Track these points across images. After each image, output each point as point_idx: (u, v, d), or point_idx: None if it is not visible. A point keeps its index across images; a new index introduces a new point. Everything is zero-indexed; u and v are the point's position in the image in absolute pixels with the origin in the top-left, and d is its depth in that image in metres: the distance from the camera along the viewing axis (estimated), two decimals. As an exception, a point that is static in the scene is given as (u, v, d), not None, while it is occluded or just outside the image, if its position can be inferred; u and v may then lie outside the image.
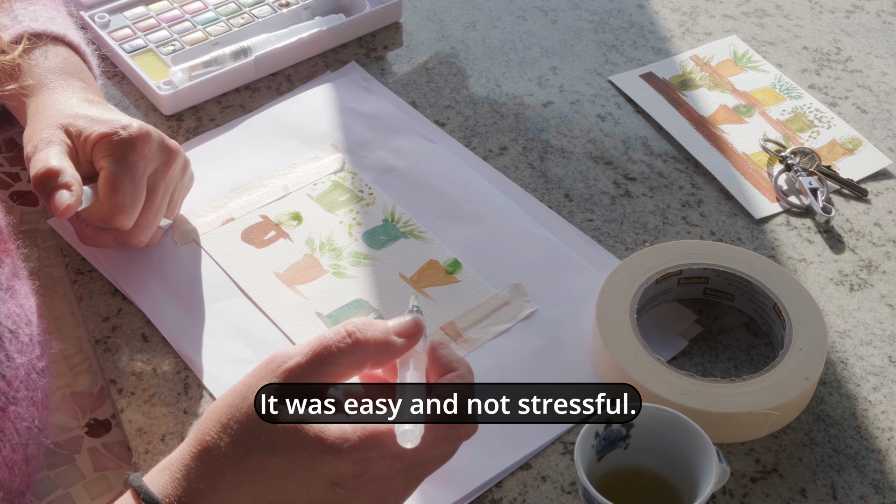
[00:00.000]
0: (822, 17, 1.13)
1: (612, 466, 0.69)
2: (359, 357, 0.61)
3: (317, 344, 0.61)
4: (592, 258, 0.87)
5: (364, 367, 0.62)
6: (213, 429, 0.60)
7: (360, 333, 0.61)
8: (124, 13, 1.05)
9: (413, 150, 0.96)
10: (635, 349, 0.76)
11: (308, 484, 0.58)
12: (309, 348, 0.60)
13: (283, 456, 0.58)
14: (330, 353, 0.60)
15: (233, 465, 0.58)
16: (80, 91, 0.83)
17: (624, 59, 1.07)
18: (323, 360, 0.60)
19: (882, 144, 0.98)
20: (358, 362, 0.61)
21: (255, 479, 0.58)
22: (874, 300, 0.85)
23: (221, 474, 0.59)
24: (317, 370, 0.60)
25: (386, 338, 0.62)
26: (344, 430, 0.58)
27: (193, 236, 0.88)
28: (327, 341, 0.61)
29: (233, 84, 1.00)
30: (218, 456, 0.59)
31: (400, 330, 0.63)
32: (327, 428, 0.58)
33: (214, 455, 0.59)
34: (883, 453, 0.75)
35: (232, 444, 0.59)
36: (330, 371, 0.60)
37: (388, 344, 0.62)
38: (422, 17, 1.11)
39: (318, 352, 0.60)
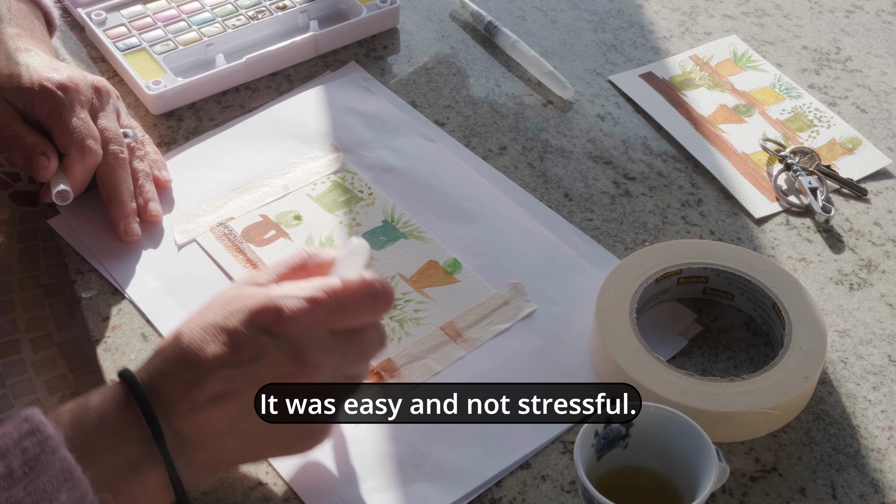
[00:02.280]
0: (822, 16, 1.13)
1: (611, 466, 0.69)
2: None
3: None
4: (592, 258, 0.87)
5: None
6: (178, 326, 0.67)
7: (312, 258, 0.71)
8: (121, 11, 1.05)
9: (413, 149, 0.96)
10: (635, 348, 0.76)
11: (240, 337, 0.64)
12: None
13: (224, 312, 0.65)
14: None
15: (188, 332, 0.65)
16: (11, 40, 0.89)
17: (624, 58, 1.07)
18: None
19: (881, 144, 0.98)
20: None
21: (201, 345, 0.64)
22: (874, 299, 0.85)
23: (170, 346, 0.65)
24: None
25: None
26: (273, 287, 0.67)
27: (193, 236, 0.88)
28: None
29: (223, 86, 1.00)
30: (180, 333, 0.66)
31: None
32: (265, 288, 0.67)
33: (175, 333, 0.66)
34: (882, 452, 0.75)
35: (190, 324, 0.66)
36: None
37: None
38: (421, 18, 1.11)
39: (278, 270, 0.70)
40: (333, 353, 0.65)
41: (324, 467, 0.73)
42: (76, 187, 0.85)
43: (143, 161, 0.89)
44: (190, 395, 0.63)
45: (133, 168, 0.88)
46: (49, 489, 0.57)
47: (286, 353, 0.63)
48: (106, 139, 0.87)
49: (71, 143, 0.84)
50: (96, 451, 0.61)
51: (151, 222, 0.88)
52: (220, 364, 0.63)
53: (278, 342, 0.63)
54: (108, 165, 0.86)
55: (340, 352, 0.66)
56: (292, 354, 0.63)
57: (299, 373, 0.64)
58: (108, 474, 0.61)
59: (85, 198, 0.89)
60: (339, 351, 0.66)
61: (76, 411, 0.62)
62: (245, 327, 0.64)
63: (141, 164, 0.89)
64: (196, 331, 0.65)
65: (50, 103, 0.84)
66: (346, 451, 0.74)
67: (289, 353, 0.63)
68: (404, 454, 0.74)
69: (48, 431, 0.59)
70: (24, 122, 0.86)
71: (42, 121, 0.85)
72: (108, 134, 0.87)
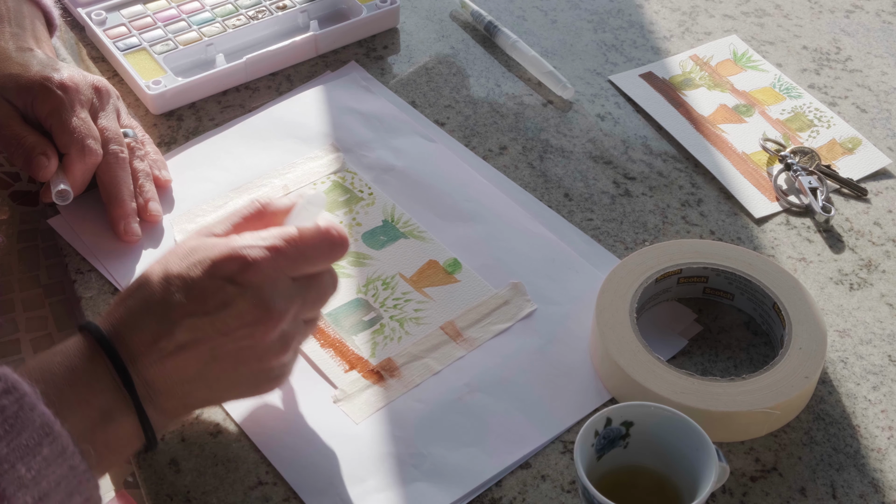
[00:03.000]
0: (822, 16, 1.13)
1: (611, 465, 0.69)
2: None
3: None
4: (592, 257, 0.87)
5: None
6: (137, 278, 0.69)
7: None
8: (121, 11, 1.05)
9: (413, 149, 0.96)
10: (635, 348, 0.76)
11: (205, 288, 0.65)
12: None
13: (186, 263, 0.66)
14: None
15: (150, 283, 0.67)
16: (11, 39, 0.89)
17: (624, 58, 1.07)
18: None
19: (882, 144, 0.98)
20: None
21: (165, 296, 0.66)
22: (874, 299, 0.85)
23: (133, 297, 0.67)
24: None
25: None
26: (234, 237, 0.68)
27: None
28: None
29: (223, 86, 1.00)
30: (141, 284, 0.67)
31: None
32: (226, 238, 0.68)
33: (135, 285, 0.68)
34: (882, 452, 0.75)
35: (151, 275, 0.67)
36: None
37: None
38: (421, 18, 1.11)
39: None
40: (294, 299, 0.68)
41: (324, 467, 0.73)
42: (76, 187, 0.86)
43: (144, 161, 0.89)
44: (157, 344, 0.65)
45: (133, 168, 0.88)
46: (31, 444, 0.59)
47: (251, 301, 0.65)
48: (106, 139, 0.87)
49: (71, 142, 0.84)
50: (70, 404, 0.63)
51: (151, 222, 0.88)
52: (186, 314, 0.65)
53: (243, 291, 0.65)
54: (108, 165, 0.86)
55: (301, 297, 0.68)
56: (257, 302, 0.65)
57: (265, 319, 0.66)
58: (84, 425, 0.63)
59: (85, 198, 0.89)
60: (299, 296, 0.68)
61: (45, 367, 0.64)
62: (209, 277, 0.65)
63: (141, 164, 0.89)
64: (159, 281, 0.66)
65: (50, 103, 0.85)
66: (295, 400, 0.77)
67: (253, 301, 0.65)
68: (404, 454, 0.74)
69: (24, 388, 0.60)
70: (25, 122, 0.86)
71: (42, 120, 0.85)
72: (108, 134, 0.87)
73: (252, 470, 0.73)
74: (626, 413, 0.69)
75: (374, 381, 0.78)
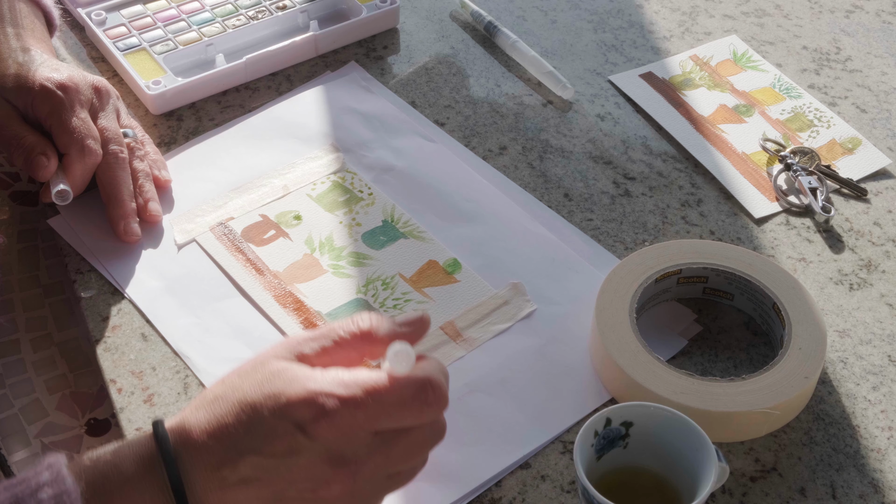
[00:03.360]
0: (822, 16, 1.13)
1: (611, 465, 0.69)
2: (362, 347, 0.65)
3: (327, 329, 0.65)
4: (592, 257, 0.87)
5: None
6: (215, 385, 0.63)
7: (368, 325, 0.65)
8: (121, 11, 1.05)
9: (413, 149, 0.96)
10: (635, 348, 0.76)
11: (275, 428, 0.59)
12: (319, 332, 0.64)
13: (261, 394, 0.60)
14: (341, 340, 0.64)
15: (225, 401, 0.61)
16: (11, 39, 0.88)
17: (623, 58, 1.07)
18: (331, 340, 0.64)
19: (881, 144, 0.98)
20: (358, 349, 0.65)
21: (235, 423, 0.60)
22: (874, 299, 0.85)
23: (209, 414, 0.61)
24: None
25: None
26: (314, 374, 0.61)
27: (193, 236, 0.88)
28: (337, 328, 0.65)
29: (223, 86, 1.00)
30: (217, 398, 0.62)
31: (405, 321, 0.65)
32: (306, 373, 0.61)
33: (212, 396, 0.62)
34: (882, 452, 0.75)
35: (227, 390, 0.62)
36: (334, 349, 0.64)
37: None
38: (421, 18, 1.11)
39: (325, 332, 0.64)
40: (374, 456, 0.61)
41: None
42: (76, 187, 0.86)
43: (143, 161, 0.89)
44: (220, 472, 0.60)
45: (133, 168, 0.88)
46: None
47: (320, 455, 0.59)
48: (106, 139, 0.87)
49: (71, 142, 0.84)
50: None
51: (151, 222, 0.88)
52: (252, 450, 0.60)
53: (313, 444, 0.59)
54: (108, 165, 0.86)
55: (383, 454, 0.61)
56: (327, 459, 0.60)
57: (333, 478, 0.60)
58: None
59: (85, 198, 0.89)
60: (380, 453, 0.61)
61: (98, 466, 0.60)
62: (279, 419, 0.60)
63: (141, 164, 0.89)
64: (232, 404, 0.61)
65: (50, 103, 0.85)
66: None
67: (323, 455, 0.59)
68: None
69: (67, 485, 0.57)
70: (25, 122, 0.86)
71: (42, 120, 0.85)
72: (108, 134, 0.87)
73: (252, 470, 0.73)
74: (625, 413, 0.69)
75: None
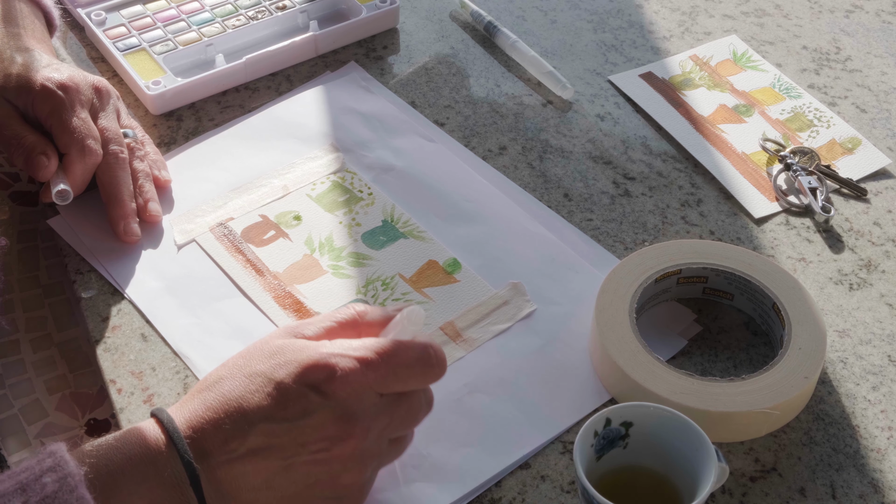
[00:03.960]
0: (822, 16, 1.13)
1: (611, 466, 0.69)
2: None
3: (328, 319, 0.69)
4: (592, 257, 0.87)
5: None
6: (215, 370, 0.66)
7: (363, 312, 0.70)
8: (121, 11, 1.05)
9: (412, 149, 0.96)
10: (634, 348, 0.76)
11: (287, 392, 0.62)
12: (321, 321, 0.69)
13: (270, 364, 0.64)
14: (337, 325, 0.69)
15: (231, 378, 0.64)
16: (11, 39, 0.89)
17: (623, 58, 1.07)
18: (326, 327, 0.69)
19: (881, 144, 0.98)
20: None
21: (244, 395, 0.63)
22: (873, 299, 0.85)
23: (213, 395, 0.64)
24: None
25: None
26: (323, 342, 0.65)
27: (193, 236, 0.88)
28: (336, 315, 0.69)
29: (223, 86, 1.00)
30: (221, 378, 0.64)
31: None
32: (314, 342, 0.65)
33: (215, 378, 0.65)
34: (882, 452, 0.75)
35: (232, 370, 0.64)
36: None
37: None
38: (421, 18, 1.11)
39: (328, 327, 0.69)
40: (380, 417, 0.64)
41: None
42: (76, 187, 0.86)
43: (143, 161, 0.90)
44: (229, 445, 0.61)
45: (133, 168, 0.88)
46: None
47: (333, 413, 0.62)
48: (106, 139, 0.87)
49: (71, 142, 0.84)
50: (119, 493, 0.60)
51: (151, 222, 0.88)
52: (264, 417, 0.61)
53: (327, 402, 0.62)
54: (108, 165, 0.86)
55: (388, 415, 0.64)
56: (339, 416, 0.62)
57: (345, 434, 0.62)
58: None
59: (85, 198, 0.89)
60: (386, 414, 0.64)
61: (102, 451, 0.61)
62: (294, 382, 0.62)
63: (141, 165, 0.89)
64: (240, 378, 0.63)
65: (50, 103, 0.85)
66: None
67: (336, 413, 0.62)
68: (404, 454, 0.74)
69: (69, 468, 0.58)
70: (25, 122, 0.86)
71: (42, 120, 0.85)
72: (108, 134, 0.87)
73: (252, 470, 0.73)
74: (625, 413, 0.69)
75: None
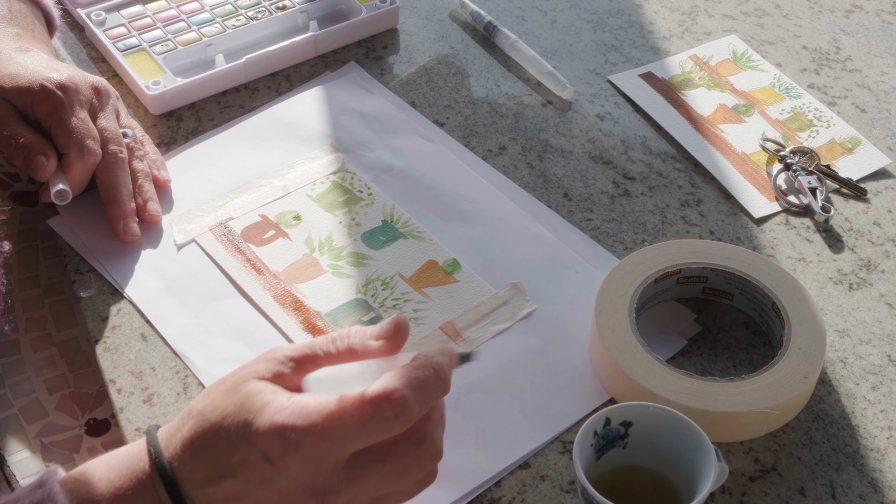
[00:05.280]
0: (822, 16, 1.13)
1: (610, 465, 0.69)
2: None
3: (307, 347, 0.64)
4: (591, 257, 0.87)
5: None
6: (202, 397, 0.63)
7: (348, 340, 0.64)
8: (121, 11, 1.05)
9: (412, 149, 0.96)
10: (634, 348, 0.76)
11: (245, 456, 0.60)
12: (301, 347, 0.64)
13: (235, 420, 0.60)
14: (317, 357, 0.63)
15: (200, 426, 0.61)
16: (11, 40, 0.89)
17: (623, 58, 1.07)
18: (310, 359, 0.63)
19: (881, 144, 0.98)
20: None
21: (213, 444, 0.61)
22: (873, 299, 0.85)
23: (193, 431, 0.62)
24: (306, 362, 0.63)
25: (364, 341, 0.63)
26: (281, 403, 0.60)
27: (193, 236, 0.88)
28: (316, 346, 0.64)
29: (223, 86, 1.00)
30: (200, 413, 0.62)
31: (378, 333, 0.63)
32: (274, 401, 0.60)
33: (198, 410, 0.62)
34: (882, 452, 0.75)
35: (209, 406, 0.62)
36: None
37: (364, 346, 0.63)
38: (421, 18, 1.11)
39: (307, 354, 0.63)
40: (347, 484, 0.60)
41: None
42: (75, 187, 0.86)
43: (143, 161, 0.90)
44: (206, 489, 0.61)
45: (132, 168, 0.88)
46: None
47: (290, 484, 0.59)
48: (105, 139, 0.87)
49: (70, 142, 0.84)
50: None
51: (151, 222, 0.88)
52: (230, 473, 0.60)
53: (282, 475, 0.59)
54: (107, 165, 0.86)
55: (356, 482, 0.60)
56: (299, 487, 0.59)
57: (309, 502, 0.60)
58: None
59: (84, 198, 0.89)
60: (353, 481, 0.60)
61: (93, 482, 0.61)
62: (250, 448, 0.60)
63: (140, 164, 0.89)
64: (210, 425, 0.61)
65: (49, 103, 0.85)
66: None
67: (294, 487, 0.59)
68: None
69: (58, 500, 0.59)
70: (24, 122, 0.86)
71: (42, 120, 0.85)
72: (108, 134, 0.87)
73: (251, 470, 0.73)
74: (625, 413, 0.69)
75: (373, 381, 0.78)
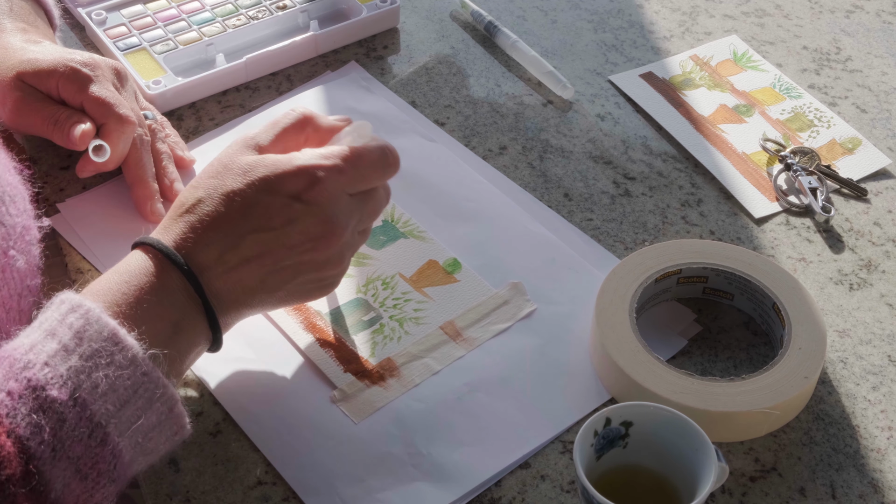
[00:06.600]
0: (822, 16, 1.13)
1: (611, 465, 0.69)
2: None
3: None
4: (592, 257, 0.87)
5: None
6: (189, 193, 0.71)
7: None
8: (121, 11, 1.05)
9: (413, 149, 0.96)
10: (634, 348, 0.76)
11: (270, 204, 0.69)
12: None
13: (246, 182, 0.70)
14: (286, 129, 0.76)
15: (210, 199, 0.70)
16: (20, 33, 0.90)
17: (624, 58, 1.07)
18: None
19: (881, 144, 0.98)
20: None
21: (228, 212, 0.69)
22: (873, 299, 0.85)
23: (197, 217, 0.70)
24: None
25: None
26: (294, 154, 0.72)
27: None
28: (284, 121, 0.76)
29: (223, 86, 1.01)
30: (200, 200, 0.70)
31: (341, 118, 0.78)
32: (284, 155, 0.72)
33: (193, 201, 0.70)
34: (882, 452, 0.75)
35: (209, 191, 0.70)
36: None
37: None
38: (421, 18, 1.11)
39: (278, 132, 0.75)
40: (353, 214, 0.73)
41: (323, 466, 0.73)
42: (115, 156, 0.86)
43: (164, 143, 0.90)
44: (223, 258, 0.69)
45: (155, 149, 0.90)
46: (104, 352, 0.62)
47: (316, 217, 0.70)
48: None
49: (108, 112, 0.85)
50: (139, 321, 0.65)
51: None
52: (252, 229, 0.69)
53: (309, 208, 0.70)
54: (132, 147, 0.87)
55: (358, 211, 0.73)
56: (322, 219, 0.70)
57: (328, 234, 0.71)
58: (155, 339, 0.65)
59: (85, 197, 0.89)
60: (357, 211, 0.73)
61: (108, 288, 0.66)
62: (274, 194, 0.69)
63: (163, 146, 0.90)
64: (219, 198, 0.70)
65: (78, 81, 0.86)
66: (295, 400, 0.77)
67: (318, 217, 0.70)
68: (404, 454, 0.74)
69: (87, 304, 0.63)
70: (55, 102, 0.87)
71: (70, 100, 0.86)
72: None
73: (251, 470, 0.73)
74: (625, 413, 0.69)
75: (373, 380, 0.78)
